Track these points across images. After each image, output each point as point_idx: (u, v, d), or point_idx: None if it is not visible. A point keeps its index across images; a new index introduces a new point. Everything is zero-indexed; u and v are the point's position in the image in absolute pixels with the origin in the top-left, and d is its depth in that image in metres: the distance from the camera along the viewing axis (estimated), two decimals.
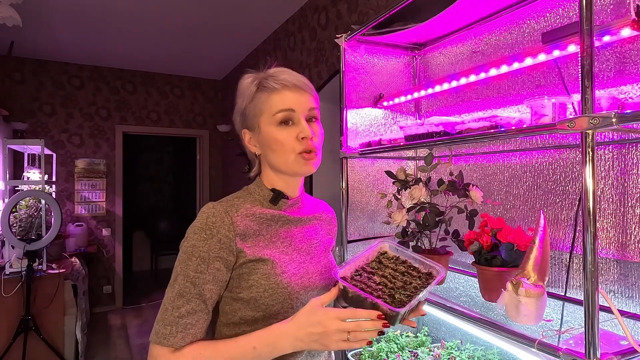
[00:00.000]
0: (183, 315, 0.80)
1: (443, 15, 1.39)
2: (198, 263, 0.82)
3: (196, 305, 0.81)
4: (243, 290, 0.85)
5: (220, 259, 0.83)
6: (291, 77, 0.90)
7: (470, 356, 1.42)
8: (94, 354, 3.72)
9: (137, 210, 6.91)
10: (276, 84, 0.89)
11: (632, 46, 1.05)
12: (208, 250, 0.83)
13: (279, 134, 0.88)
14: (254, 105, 0.91)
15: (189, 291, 0.81)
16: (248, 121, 0.93)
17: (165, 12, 3.45)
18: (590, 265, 0.75)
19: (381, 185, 1.75)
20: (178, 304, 0.80)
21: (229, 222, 0.85)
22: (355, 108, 1.70)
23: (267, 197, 0.94)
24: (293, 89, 0.90)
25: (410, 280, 0.86)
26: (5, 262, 3.10)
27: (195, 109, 5.56)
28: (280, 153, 0.89)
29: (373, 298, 0.78)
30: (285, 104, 0.88)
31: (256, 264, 0.86)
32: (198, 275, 0.82)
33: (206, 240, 0.83)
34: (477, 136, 1.09)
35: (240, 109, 0.94)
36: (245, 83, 0.93)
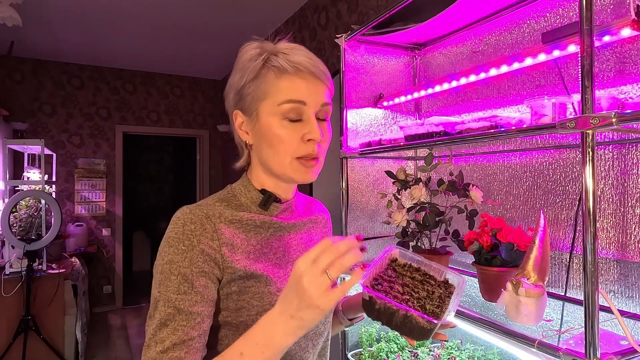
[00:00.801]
0: (168, 349, 0.63)
1: (443, 15, 1.39)
2: (179, 282, 0.66)
3: (184, 334, 0.64)
4: (231, 314, 0.71)
5: (205, 273, 0.68)
6: (307, 61, 0.73)
7: (470, 356, 1.42)
8: (94, 354, 3.72)
9: (137, 210, 6.92)
10: (289, 65, 0.71)
11: (632, 46, 1.05)
12: (190, 265, 0.67)
13: (282, 129, 0.71)
14: (256, 85, 0.73)
15: (173, 318, 0.65)
16: (245, 102, 0.75)
17: (165, 12, 3.45)
18: (590, 265, 0.75)
19: (381, 185, 1.75)
20: (161, 336, 0.64)
21: (212, 228, 0.70)
22: (355, 108, 1.70)
23: (256, 199, 0.78)
24: (309, 76, 0.72)
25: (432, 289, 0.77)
26: (5, 262, 3.10)
27: (195, 109, 5.57)
28: (278, 152, 0.73)
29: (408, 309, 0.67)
30: (296, 94, 0.71)
31: (247, 281, 0.71)
32: (182, 297, 0.65)
33: (185, 253, 0.67)
34: (477, 136, 1.09)
35: (237, 85, 0.75)
36: (249, 55, 0.74)
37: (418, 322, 0.67)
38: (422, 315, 0.67)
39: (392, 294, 0.72)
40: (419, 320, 0.67)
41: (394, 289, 0.74)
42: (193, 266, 0.67)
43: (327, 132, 0.77)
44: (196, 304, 0.66)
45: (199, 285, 0.67)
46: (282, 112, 0.72)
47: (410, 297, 0.72)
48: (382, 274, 0.78)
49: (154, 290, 0.68)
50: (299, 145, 0.72)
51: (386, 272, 0.79)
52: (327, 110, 0.76)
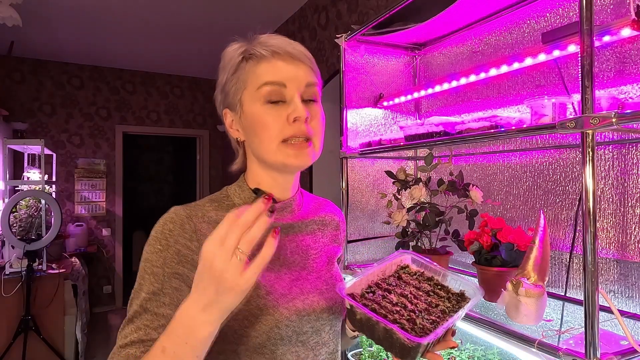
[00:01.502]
0: (127, 345, 0.62)
1: (443, 15, 1.39)
2: (151, 282, 0.65)
3: (145, 334, 0.63)
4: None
5: (179, 276, 0.66)
6: (284, 43, 0.71)
7: (470, 356, 1.42)
8: (94, 354, 3.72)
9: (137, 210, 6.91)
10: (265, 51, 0.70)
11: (632, 46, 1.05)
12: (163, 265, 0.66)
13: (265, 113, 0.69)
14: (236, 78, 0.72)
15: (139, 317, 0.64)
16: (229, 98, 0.74)
17: (165, 12, 3.45)
18: (590, 265, 0.75)
19: (381, 185, 1.75)
20: (126, 331, 0.64)
21: (191, 229, 0.69)
22: (355, 108, 1.70)
23: (249, 199, 0.75)
24: (286, 57, 0.70)
25: (436, 302, 0.68)
26: (5, 262, 3.10)
27: (195, 109, 5.57)
28: (264, 139, 0.69)
29: (387, 323, 0.60)
30: (274, 75, 0.69)
31: None
32: (150, 297, 0.64)
33: (160, 252, 0.66)
34: (477, 136, 1.09)
35: (222, 83, 0.75)
36: (230, 51, 0.75)
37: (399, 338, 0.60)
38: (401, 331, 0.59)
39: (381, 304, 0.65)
40: (399, 337, 0.60)
41: (386, 299, 0.67)
42: (166, 267, 0.66)
43: (318, 112, 0.73)
44: (163, 305, 0.65)
45: (169, 287, 0.66)
46: (263, 96, 0.69)
47: (402, 309, 0.65)
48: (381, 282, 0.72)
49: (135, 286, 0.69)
50: (283, 127, 0.69)
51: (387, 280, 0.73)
52: (314, 92, 0.73)
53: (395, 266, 0.76)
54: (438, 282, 0.74)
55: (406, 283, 0.73)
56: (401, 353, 0.61)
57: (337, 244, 0.88)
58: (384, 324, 0.61)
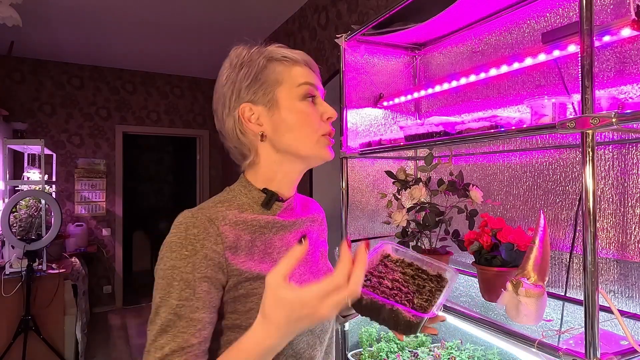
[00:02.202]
0: (167, 355, 0.63)
1: (443, 15, 1.39)
2: (181, 288, 0.65)
3: (184, 341, 0.64)
4: (241, 317, 0.70)
5: (207, 279, 0.67)
6: (304, 55, 0.80)
7: (470, 356, 1.42)
8: (94, 354, 3.72)
9: (137, 210, 6.91)
10: (296, 56, 0.78)
11: (632, 46, 1.05)
12: (192, 270, 0.66)
13: (306, 108, 0.76)
14: (265, 77, 0.76)
15: (174, 325, 0.64)
16: (258, 93, 0.76)
17: (165, 12, 3.45)
18: (590, 265, 0.75)
19: (381, 185, 1.75)
20: (161, 342, 0.64)
21: (215, 232, 0.69)
22: (355, 108, 1.70)
23: (258, 199, 0.78)
24: (311, 65, 0.80)
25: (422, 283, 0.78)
26: (5, 262, 3.10)
27: (195, 109, 5.57)
28: (305, 132, 0.75)
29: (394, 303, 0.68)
30: (308, 77, 0.77)
31: (254, 282, 0.71)
32: (183, 304, 0.65)
33: (188, 258, 0.67)
34: (477, 136, 1.09)
35: (241, 79, 0.76)
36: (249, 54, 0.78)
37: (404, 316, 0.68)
38: (407, 309, 0.68)
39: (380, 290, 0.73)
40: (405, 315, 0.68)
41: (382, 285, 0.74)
42: (196, 271, 0.67)
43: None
44: (197, 310, 0.66)
45: (201, 292, 0.66)
46: (301, 93, 0.76)
47: (399, 292, 0.73)
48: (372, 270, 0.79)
49: (155, 295, 0.67)
50: (319, 124, 0.77)
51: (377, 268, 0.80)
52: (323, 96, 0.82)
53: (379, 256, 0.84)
54: (418, 267, 0.84)
55: (393, 270, 0.81)
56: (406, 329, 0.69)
57: (323, 239, 0.95)
58: (391, 305, 0.68)
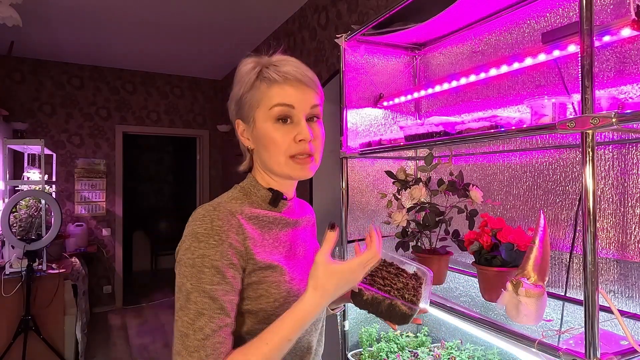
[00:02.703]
0: (209, 336, 0.70)
1: (443, 15, 1.39)
2: (213, 274, 0.72)
3: (220, 320, 0.71)
4: (252, 302, 0.77)
5: (233, 265, 0.75)
6: (295, 70, 0.81)
7: (470, 356, 1.42)
8: (94, 354, 3.72)
9: (137, 210, 6.91)
10: (278, 75, 0.80)
11: (632, 46, 1.05)
12: (221, 258, 0.73)
13: (275, 132, 0.80)
14: (251, 95, 0.82)
15: (209, 307, 0.71)
16: (243, 111, 0.84)
17: (165, 12, 3.45)
18: (590, 265, 0.75)
19: (381, 185, 1.75)
20: (200, 324, 0.70)
21: (237, 224, 0.77)
22: (355, 108, 1.70)
23: (266, 198, 0.86)
24: (295, 83, 0.81)
25: (405, 281, 0.88)
26: (5, 262, 3.10)
27: (195, 109, 5.57)
28: (273, 153, 0.81)
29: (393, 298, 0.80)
30: (284, 99, 0.80)
31: (265, 271, 0.78)
32: (215, 288, 0.72)
33: (216, 247, 0.74)
34: (477, 136, 1.09)
35: (236, 96, 0.85)
36: (245, 69, 0.84)
37: (401, 309, 0.80)
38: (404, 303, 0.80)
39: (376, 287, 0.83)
40: (402, 308, 0.80)
41: (376, 282, 0.85)
42: (224, 259, 0.74)
43: (319, 131, 0.85)
44: (228, 293, 0.73)
45: (229, 277, 0.74)
46: (273, 116, 0.80)
47: (391, 289, 0.84)
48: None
49: (184, 283, 0.73)
50: (290, 145, 0.80)
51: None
52: (317, 112, 0.84)
53: None
54: (398, 266, 0.93)
55: (379, 269, 0.90)
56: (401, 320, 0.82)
57: (315, 238, 1.03)
58: (390, 299, 0.81)
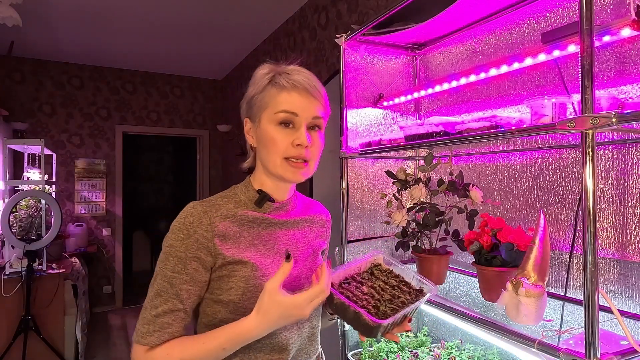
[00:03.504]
0: (159, 315, 0.81)
1: (443, 15, 1.39)
2: (175, 263, 0.82)
3: (173, 305, 0.81)
4: (223, 293, 0.85)
5: (197, 259, 0.83)
6: (304, 80, 0.88)
7: (470, 356, 1.42)
8: (94, 354, 3.72)
9: (137, 210, 6.91)
10: (287, 83, 0.87)
11: (632, 46, 1.05)
12: (185, 250, 0.82)
13: (276, 133, 0.86)
14: (261, 97, 0.89)
15: (166, 291, 0.82)
16: (252, 111, 0.91)
17: (165, 11, 3.45)
18: (590, 265, 0.75)
19: (381, 185, 1.75)
20: (155, 303, 0.82)
21: (207, 222, 0.84)
22: (355, 108, 1.70)
23: (253, 198, 0.92)
24: (302, 92, 0.87)
25: (399, 294, 0.86)
26: (5, 262, 3.10)
27: (195, 109, 5.57)
28: (271, 153, 0.87)
29: (356, 307, 0.79)
30: (289, 106, 0.86)
31: (235, 266, 0.85)
32: (175, 275, 0.82)
33: (183, 240, 0.83)
34: (477, 136, 1.09)
35: (249, 96, 0.92)
36: (261, 73, 0.91)
37: (364, 319, 0.77)
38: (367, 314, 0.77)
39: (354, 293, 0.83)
40: (364, 318, 0.77)
41: (359, 289, 0.84)
42: (188, 252, 0.82)
43: (318, 140, 0.90)
44: (186, 282, 0.82)
45: (190, 268, 0.82)
46: (277, 120, 0.86)
47: (370, 298, 0.82)
48: (356, 275, 0.90)
49: (157, 264, 0.84)
50: (288, 147, 0.86)
51: (361, 274, 0.90)
52: (319, 123, 0.90)
53: (369, 264, 0.94)
54: (403, 279, 0.91)
55: (377, 278, 0.89)
56: (366, 332, 0.79)
57: (323, 239, 1.05)
58: (354, 307, 0.79)
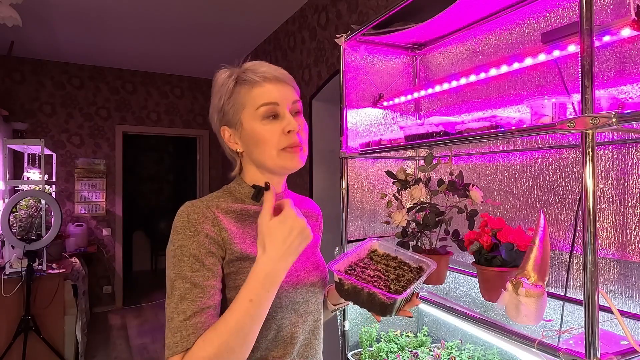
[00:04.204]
0: (190, 317, 0.73)
1: (443, 15, 1.39)
2: (192, 262, 0.77)
3: (202, 303, 0.75)
4: (230, 291, 0.81)
5: (212, 254, 0.79)
6: (271, 69, 0.86)
7: (470, 356, 1.42)
8: (94, 354, 3.72)
9: (137, 210, 6.92)
10: (256, 77, 0.85)
11: (632, 46, 1.05)
12: (198, 247, 0.78)
13: (263, 129, 0.84)
14: (233, 100, 0.86)
15: (191, 291, 0.75)
16: (228, 117, 0.88)
17: (165, 11, 3.45)
18: (590, 265, 0.75)
19: (381, 185, 1.75)
20: (182, 308, 0.74)
21: (212, 216, 0.81)
22: (355, 108, 1.70)
23: (249, 194, 0.90)
24: (274, 81, 0.85)
25: (402, 273, 0.89)
26: (5, 262, 3.10)
27: (195, 109, 5.57)
28: (265, 149, 0.85)
29: (371, 287, 0.79)
30: (268, 97, 0.84)
31: (243, 262, 0.82)
32: (196, 274, 0.76)
33: (193, 237, 0.78)
34: (477, 136, 1.09)
35: (218, 106, 0.89)
36: (222, 78, 0.88)
37: (380, 298, 0.78)
38: (382, 292, 0.78)
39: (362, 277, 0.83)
40: (380, 297, 0.78)
41: (365, 273, 0.85)
42: (201, 247, 0.78)
43: (303, 123, 0.89)
44: (208, 279, 0.77)
45: (209, 263, 0.78)
46: (261, 115, 0.84)
47: (378, 280, 0.84)
48: (358, 262, 0.91)
49: (169, 273, 0.78)
50: (280, 138, 0.84)
51: (362, 260, 0.92)
52: (298, 107, 0.89)
53: (366, 251, 0.96)
54: (401, 260, 0.94)
55: (377, 262, 0.92)
56: (382, 310, 0.80)
57: (317, 232, 1.04)
58: (368, 288, 0.79)
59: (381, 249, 0.97)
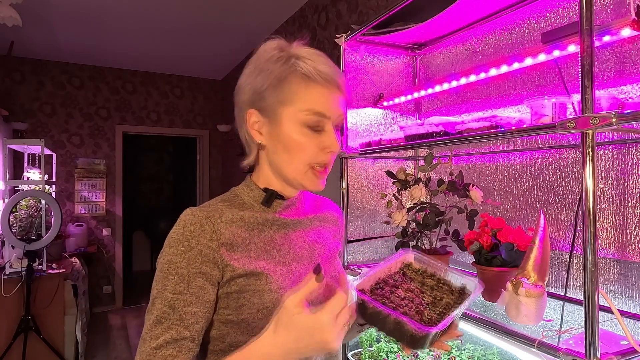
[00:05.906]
0: (161, 346, 0.66)
1: (443, 15, 1.39)
2: (176, 282, 0.68)
3: (177, 333, 0.66)
4: (232, 312, 0.71)
5: (202, 274, 0.69)
6: (333, 72, 0.74)
7: (470, 356, 1.42)
8: (94, 354, 3.72)
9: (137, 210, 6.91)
10: (318, 75, 0.72)
11: (632, 46, 1.05)
12: (187, 266, 0.69)
13: (302, 137, 0.73)
14: (281, 89, 0.73)
15: (168, 317, 0.67)
16: (264, 104, 0.75)
17: (165, 11, 3.45)
18: (590, 265, 0.75)
19: (381, 185, 1.75)
20: (156, 332, 0.67)
21: (211, 229, 0.71)
22: (355, 108, 1.70)
23: (259, 197, 0.79)
24: (334, 89, 0.74)
25: (440, 295, 0.73)
26: (5, 262, 3.10)
27: (195, 109, 5.56)
28: (295, 158, 0.74)
29: (398, 315, 0.64)
30: (322, 107, 0.73)
31: (247, 279, 0.71)
32: (177, 297, 0.67)
33: (184, 254, 0.69)
34: (477, 136, 1.09)
35: (258, 85, 0.74)
36: (271, 55, 0.75)
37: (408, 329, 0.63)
38: (412, 322, 0.63)
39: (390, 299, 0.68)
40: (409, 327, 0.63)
41: (394, 294, 0.70)
42: (190, 267, 0.69)
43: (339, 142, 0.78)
44: (191, 304, 0.68)
45: (195, 286, 0.69)
46: (305, 121, 0.73)
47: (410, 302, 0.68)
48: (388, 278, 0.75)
49: (153, 286, 0.70)
50: (316, 154, 0.74)
51: (393, 276, 0.76)
52: (342, 120, 0.78)
53: (399, 264, 0.80)
54: (440, 277, 0.78)
55: (411, 279, 0.76)
56: (411, 343, 0.65)
57: (337, 239, 0.92)
58: (395, 316, 0.64)
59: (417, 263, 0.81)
